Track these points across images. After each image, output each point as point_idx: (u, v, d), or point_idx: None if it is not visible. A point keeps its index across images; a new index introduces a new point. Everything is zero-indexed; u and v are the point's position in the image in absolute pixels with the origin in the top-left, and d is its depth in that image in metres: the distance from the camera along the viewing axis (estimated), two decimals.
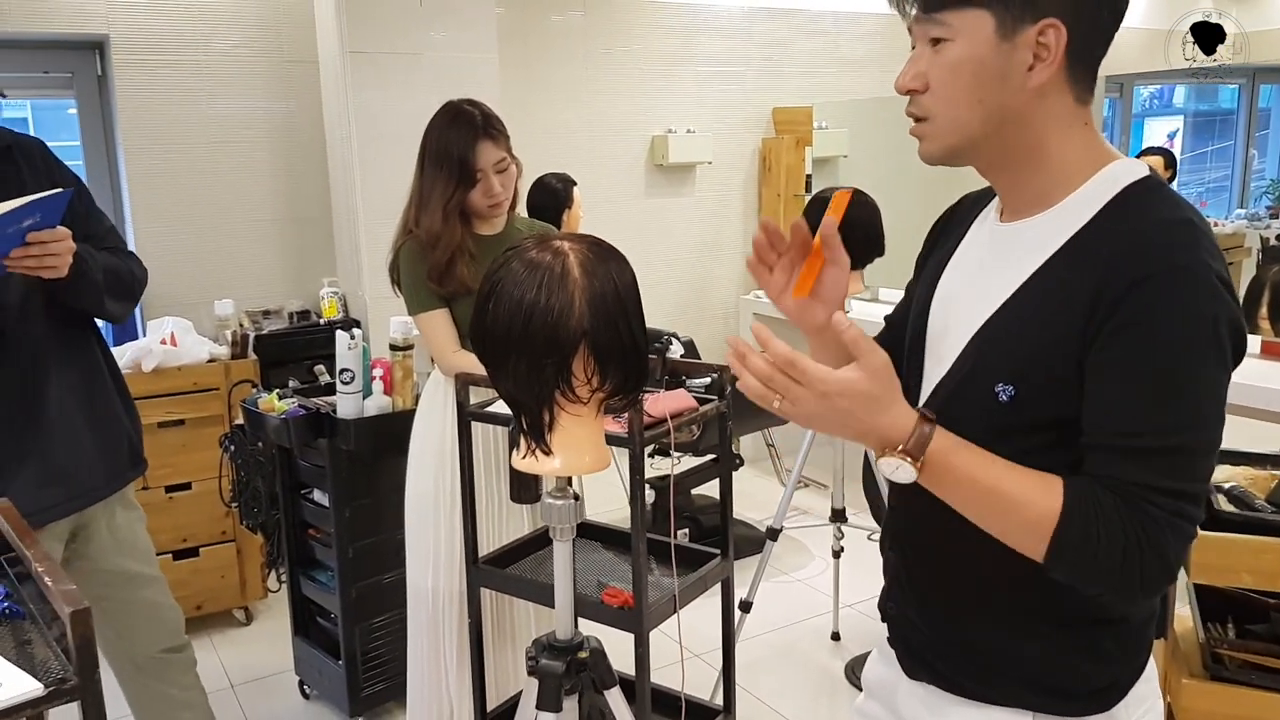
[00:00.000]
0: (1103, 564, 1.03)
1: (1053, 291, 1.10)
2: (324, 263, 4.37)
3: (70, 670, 1.17)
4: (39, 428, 2.06)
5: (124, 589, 2.25)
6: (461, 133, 2.40)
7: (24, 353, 2.04)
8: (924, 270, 1.34)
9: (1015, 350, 1.12)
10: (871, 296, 4.90)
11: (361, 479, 2.93)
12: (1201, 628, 2.20)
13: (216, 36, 4.11)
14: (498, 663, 2.54)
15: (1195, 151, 8.07)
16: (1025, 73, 1.09)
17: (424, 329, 2.50)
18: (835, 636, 3.55)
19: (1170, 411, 1.03)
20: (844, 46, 5.75)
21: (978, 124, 1.12)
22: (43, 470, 2.06)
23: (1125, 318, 1.03)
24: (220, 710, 3.16)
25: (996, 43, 1.08)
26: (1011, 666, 1.20)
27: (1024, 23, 1.07)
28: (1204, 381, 1.04)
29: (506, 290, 1.33)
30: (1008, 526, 1.08)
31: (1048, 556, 1.05)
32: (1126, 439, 1.04)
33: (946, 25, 1.10)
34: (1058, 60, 1.08)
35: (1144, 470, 1.03)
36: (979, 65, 1.09)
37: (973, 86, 1.10)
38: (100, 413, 2.19)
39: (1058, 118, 1.12)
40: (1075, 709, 1.18)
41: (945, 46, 1.11)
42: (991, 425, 1.11)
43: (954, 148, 1.15)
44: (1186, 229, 1.05)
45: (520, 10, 4.76)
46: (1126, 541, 1.02)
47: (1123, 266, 1.04)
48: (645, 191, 5.28)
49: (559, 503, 1.52)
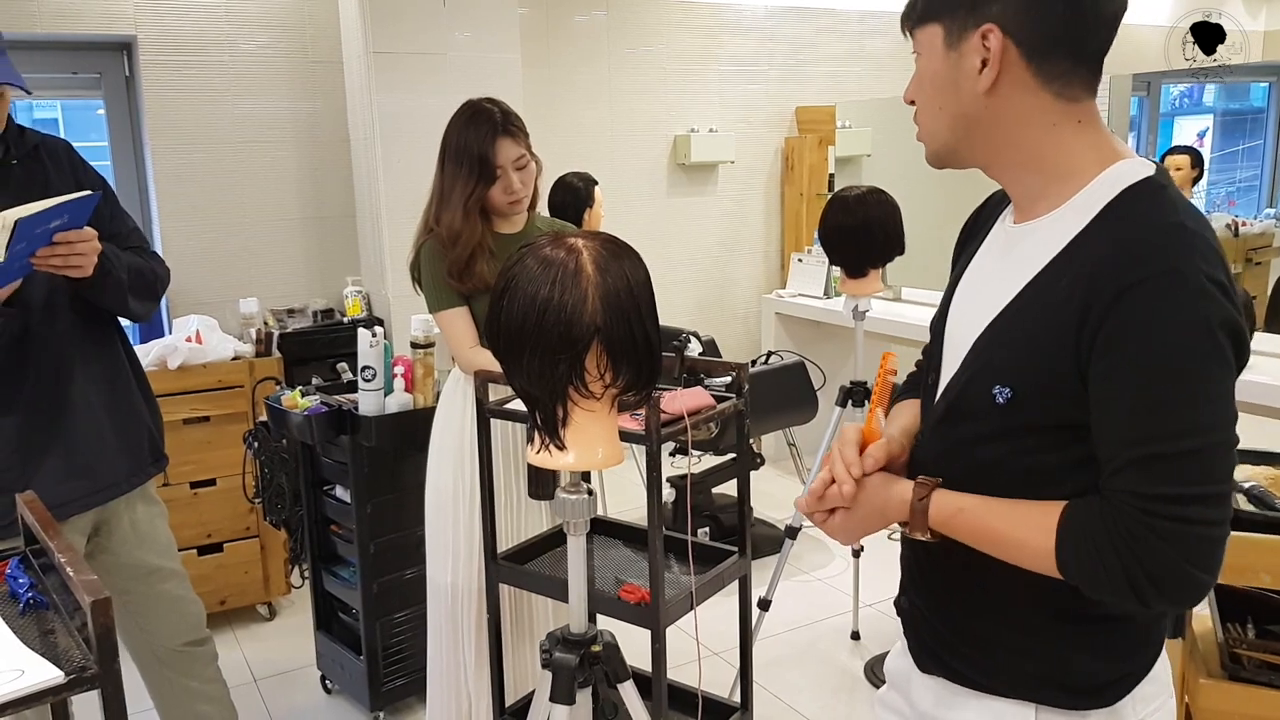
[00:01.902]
0: (1111, 587, 1.06)
1: (1047, 297, 1.11)
2: (347, 261, 4.41)
3: (91, 659, 1.19)
4: (63, 423, 2.09)
5: (145, 582, 2.28)
6: (481, 130, 2.41)
7: (49, 350, 2.08)
8: (952, 272, 1.36)
9: (1011, 354, 1.14)
10: (893, 296, 4.89)
11: (383, 475, 2.95)
12: (1220, 627, 2.18)
13: (242, 37, 4.16)
14: (516, 658, 2.55)
15: (1224, 150, 7.98)
16: (975, 77, 1.13)
17: (443, 326, 2.51)
18: (855, 636, 3.54)
19: (1174, 417, 1.03)
20: (868, 46, 5.74)
21: (945, 131, 1.19)
22: (66, 464, 2.09)
23: (1116, 327, 1.04)
24: (243, 704, 3.19)
25: (945, 53, 1.15)
26: (1015, 660, 1.21)
27: (967, 30, 1.12)
28: (1205, 383, 1.03)
29: (520, 286, 1.34)
30: (1022, 561, 1.14)
31: (1068, 579, 1.11)
32: (1133, 448, 1.04)
33: (917, 42, 1.20)
34: (998, 61, 1.11)
35: (1151, 480, 1.03)
36: (935, 75, 1.17)
37: (934, 97, 1.18)
38: (123, 409, 2.22)
39: (1032, 116, 1.13)
40: (1078, 703, 1.18)
41: (918, 61, 1.20)
42: (991, 426, 1.15)
43: (937, 153, 1.23)
44: (1176, 233, 1.05)
45: (543, 10, 4.78)
46: (1122, 561, 1.04)
47: (1109, 274, 1.04)
48: (667, 191, 5.29)
49: (572, 498, 1.53)
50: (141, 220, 4.24)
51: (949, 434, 1.22)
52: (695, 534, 2.50)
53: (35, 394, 2.06)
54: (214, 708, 2.43)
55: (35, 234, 1.86)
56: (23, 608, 1.37)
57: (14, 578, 1.43)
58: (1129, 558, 1.04)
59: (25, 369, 2.05)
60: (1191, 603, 1.08)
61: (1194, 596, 1.06)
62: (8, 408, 2.03)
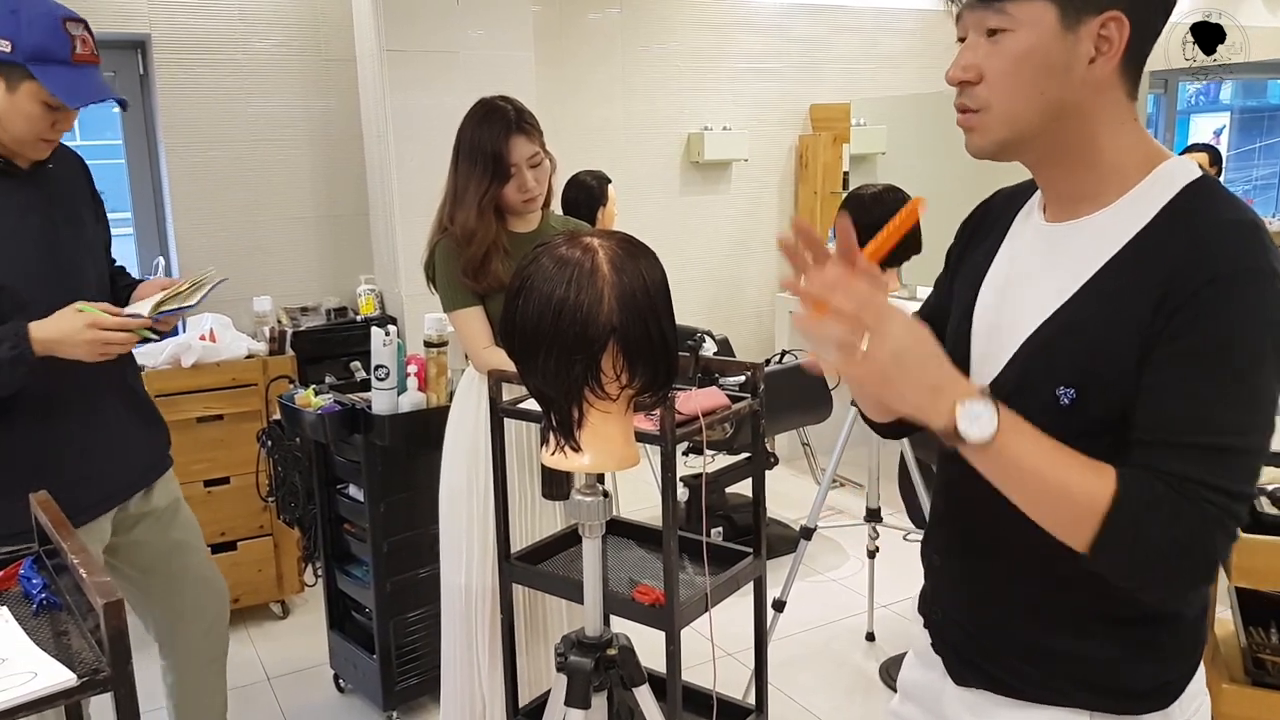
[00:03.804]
0: (1150, 554, 1.02)
1: (1115, 293, 1.08)
2: (361, 260, 4.40)
3: (104, 661, 1.19)
4: (94, 424, 2.12)
5: (172, 559, 2.33)
6: (494, 128, 2.41)
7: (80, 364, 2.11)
8: (960, 269, 1.32)
9: (1077, 353, 1.10)
10: (909, 295, 4.85)
11: (396, 474, 2.94)
12: (1243, 632, 2.16)
13: (256, 36, 4.16)
14: (530, 659, 2.55)
15: (1242, 148, 7.93)
16: (1087, 65, 1.07)
17: (458, 326, 2.51)
18: (870, 637, 3.52)
19: (1230, 412, 1.02)
20: (882, 43, 5.71)
21: (1035, 116, 1.10)
22: (96, 464, 2.12)
23: (1190, 317, 1.02)
24: (256, 702, 3.20)
25: (1060, 34, 1.07)
26: (1068, 667, 1.18)
27: (1087, 14, 1.06)
28: (1264, 387, 1.03)
29: (536, 286, 1.33)
30: (1058, 508, 1.05)
31: (1095, 542, 1.02)
32: (1183, 435, 1.03)
33: (1007, 15, 1.08)
34: (1119, 53, 1.07)
35: (1198, 467, 1.01)
36: (1043, 57, 1.07)
37: (1034, 78, 1.08)
38: (144, 409, 2.28)
39: (1111, 113, 1.11)
40: (1133, 708, 1.16)
41: (1005, 37, 1.09)
42: (1051, 428, 1.07)
43: (1006, 141, 1.13)
44: (1253, 231, 1.04)
45: (556, 8, 4.76)
46: (1176, 533, 1.00)
47: (1190, 267, 1.03)
48: (680, 189, 5.27)
49: (588, 499, 1.51)
50: (155, 218, 4.25)
51: None
52: (709, 534, 2.48)
53: (65, 394, 2.07)
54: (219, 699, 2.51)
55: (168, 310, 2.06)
56: (36, 608, 1.37)
57: (27, 578, 1.43)
58: (1185, 537, 1.00)
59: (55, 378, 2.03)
60: (1191, 590, 1.07)
61: (1199, 585, 1.06)
62: (38, 414, 2.04)
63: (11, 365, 1.88)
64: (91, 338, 1.91)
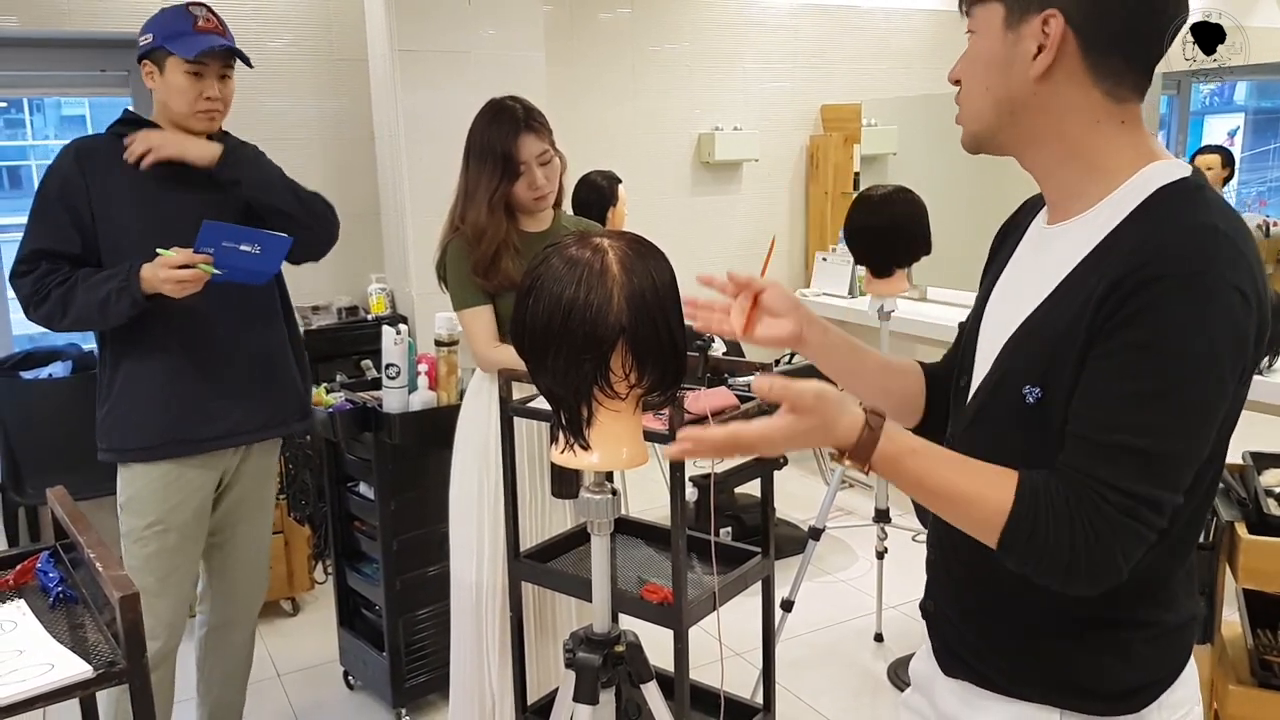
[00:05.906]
0: (1050, 554, 1.05)
1: (1076, 294, 1.10)
2: (372, 259, 4.42)
3: (120, 654, 1.20)
4: (216, 367, 2.36)
5: (244, 526, 2.54)
6: (504, 127, 2.42)
7: (215, 311, 2.34)
8: (986, 276, 1.35)
9: (1040, 353, 1.13)
10: (919, 295, 4.86)
11: (406, 473, 2.96)
12: (1250, 633, 2.16)
13: (268, 35, 4.18)
14: (539, 656, 2.56)
15: (1256, 150, 7.89)
16: (1030, 62, 1.12)
17: (465, 323, 2.52)
18: (878, 638, 3.52)
19: (1152, 414, 1.03)
20: (893, 43, 5.71)
21: (990, 112, 1.17)
22: (216, 404, 2.36)
23: (1128, 314, 1.03)
24: (266, 698, 3.22)
25: (1003, 33, 1.13)
26: (1040, 664, 1.20)
27: (1029, 13, 1.11)
28: (1194, 392, 1.03)
29: (546, 286, 1.34)
30: (959, 522, 1.11)
31: (998, 548, 1.08)
32: (1099, 433, 1.04)
33: (974, 18, 1.18)
34: (1055, 49, 1.10)
35: (1107, 467, 1.03)
36: (988, 55, 1.16)
37: (984, 76, 1.17)
38: (275, 368, 2.49)
39: (1078, 110, 1.12)
40: (1103, 709, 1.17)
41: (972, 39, 1.18)
42: (1023, 426, 1.13)
43: (977, 135, 1.21)
44: (1206, 235, 1.04)
45: (568, 8, 4.78)
46: (1072, 533, 1.03)
47: (1138, 267, 1.03)
48: (691, 189, 5.28)
49: (597, 498, 1.52)
50: None
51: (980, 436, 1.21)
52: (718, 534, 2.49)
53: (201, 342, 2.33)
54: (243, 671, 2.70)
55: (223, 246, 2.18)
56: (53, 601, 1.39)
57: (44, 572, 1.45)
58: (1080, 537, 1.03)
59: (193, 320, 2.31)
60: (1098, 591, 1.07)
61: (1106, 585, 1.07)
62: (173, 349, 2.31)
63: (118, 296, 2.18)
64: (165, 275, 2.15)
